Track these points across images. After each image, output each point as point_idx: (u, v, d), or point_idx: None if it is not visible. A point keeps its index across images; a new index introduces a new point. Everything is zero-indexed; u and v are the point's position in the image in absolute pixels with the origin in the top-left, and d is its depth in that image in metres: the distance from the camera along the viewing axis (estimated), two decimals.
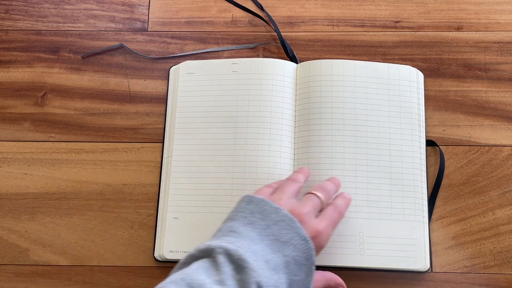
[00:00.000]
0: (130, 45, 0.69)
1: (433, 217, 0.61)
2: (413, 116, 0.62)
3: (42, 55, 0.69)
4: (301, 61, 0.66)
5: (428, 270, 0.58)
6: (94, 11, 0.71)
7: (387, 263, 0.57)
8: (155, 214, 0.62)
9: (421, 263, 0.57)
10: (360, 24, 0.69)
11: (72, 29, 0.70)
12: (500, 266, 0.59)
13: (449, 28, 0.68)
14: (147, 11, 0.71)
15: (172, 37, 0.69)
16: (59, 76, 0.68)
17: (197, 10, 0.71)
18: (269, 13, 0.70)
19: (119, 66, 0.68)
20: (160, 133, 0.65)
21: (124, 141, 0.65)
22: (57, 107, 0.67)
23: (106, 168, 0.64)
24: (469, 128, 0.64)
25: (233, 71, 0.64)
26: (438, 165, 0.62)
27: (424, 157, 0.61)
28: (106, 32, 0.70)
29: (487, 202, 0.61)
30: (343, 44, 0.68)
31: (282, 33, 0.68)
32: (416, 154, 0.61)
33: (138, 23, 0.70)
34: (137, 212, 0.62)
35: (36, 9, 0.71)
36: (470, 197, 0.61)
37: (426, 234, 0.58)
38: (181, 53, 0.68)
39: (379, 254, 0.57)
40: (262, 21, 0.70)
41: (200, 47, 0.69)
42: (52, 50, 0.69)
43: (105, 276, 0.60)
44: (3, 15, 0.71)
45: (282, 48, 0.68)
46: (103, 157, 0.64)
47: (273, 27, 0.69)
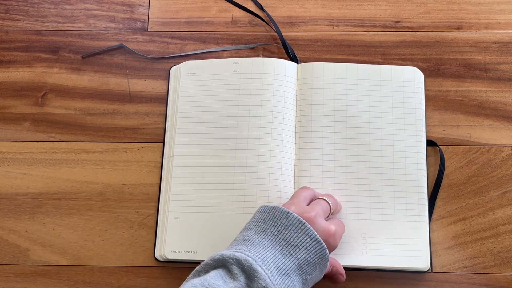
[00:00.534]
0: (130, 45, 0.69)
1: (433, 217, 0.61)
2: (414, 117, 0.62)
3: (42, 55, 0.69)
4: (301, 61, 0.66)
5: (428, 270, 0.58)
6: (94, 11, 0.71)
7: (389, 263, 0.57)
8: (155, 214, 0.62)
9: (423, 262, 0.57)
10: (360, 24, 0.69)
11: (72, 29, 0.70)
12: (500, 266, 0.59)
13: (449, 28, 0.68)
14: (147, 11, 0.71)
15: (172, 37, 0.69)
16: (59, 76, 0.68)
17: (197, 10, 0.71)
18: (269, 13, 0.70)
19: (119, 66, 0.68)
20: (160, 133, 0.65)
21: (124, 141, 0.65)
22: (57, 107, 0.66)
23: (106, 168, 0.64)
24: (469, 128, 0.64)
25: (234, 71, 0.64)
26: (438, 165, 0.62)
27: (424, 157, 0.61)
28: (106, 32, 0.70)
29: (487, 202, 0.61)
30: (343, 44, 0.68)
31: (282, 33, 0.68)
32: (417, 154, 0.61)
33: (138, 23, 0.70)
34: (137, 212, 0.62)
35: (36, 9, 0.71)
36: (470, 197, 0.61)
37: (427, 234, 0.58)
38: (181, 53, 0.68)
39: (381, 254, 0.57)
40: (262, 21, 0.70)
41: (200, 47, 0.69)
42: (52, 50, 0.69)
43: (105, 276, 0.60)
44: (3, 15, 0.71)
45: (282, 48, 0.68)
46: (103, 157, 0.64)
47: (273, 27, 0.69)
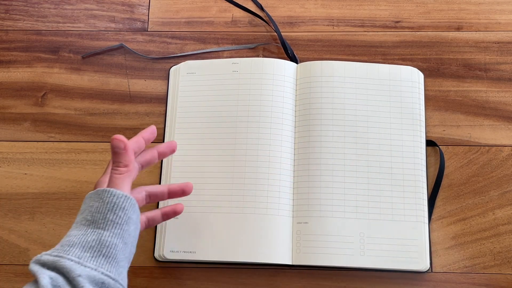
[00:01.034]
0: (130, 45, 0.69)
1: (433, 217, 0.61)
2: (413, 116, 0.62)
3: (42, 55, 0.69)
4: (301, 61, 0.66)
5: (428, 270, 0.58)
6: (94, 11, 0.71)
7: (388, 263, 0.57)
8: None
9: (421, 263, 0.57)
10: (360, 24, 0.69)
11: (72, 29, 0.70)
12: (500, 266, 0.59)
13: (449, 28, 0.68)
14: (147, 11, 0.71)
15: (172, 37, 0.69)
16: (59, 76, 0.68)
17: (197, 10, 0.71)
18: (269, 13, 0.70)
19: (119, 66, 0.68)
20: (160, 133, 0.65)
21: None
22: (57, 107, 0.67)
23: None
24: (469, 128, 0.64)
25: (233, 71, 0.64)
26: (438, 165, 0.62)
27: (424, 157, 0.61)
28: (106, 32, 0.70)
29: (487, 202, 0.61)
30: (343, 44, 0.68)
31: (282, 33, 0.68)
32: (416, 154, 0.61)
33: (138, 23, 0.70)
34: None
35: (36, 9, 0.71)
36: (470, 197, 0.61)
37: (426, 234, 0.58)
38: (181, 53, 0.68)
39: (379, 255, 0.57)
40: (262, 21, 0.70)
41: (200, 47, 0.69)
42: (52, 50, 0.69)
43: None
44: (3, 15, 0.71)
45: (282, 48, 0.68)
46: (103, 157, 0.64)
47: (273, 27, 0.69)
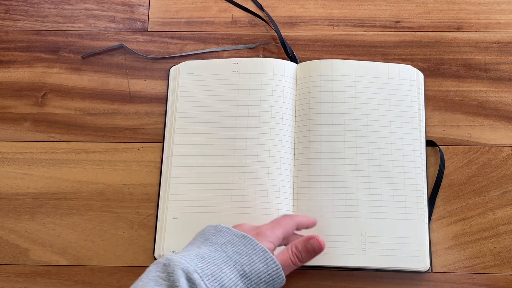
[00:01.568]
0: (130, 45, 0.69)
1: (433, 217, 0.61)
2: (413, 116, 0.62)
3: (42, 55, 0.69)
4: (301, 61, 0.66)
5: (428, 270, 0.58)
6: (94, 11, 0.71)
7: (388, 263, 0.57)
8: (155, 214, 0.62)
9: (422, 263, 0.57)
10: (360, 24, 0.69)
11: (72, 29, 0.70)
12: (500, 266, 0.59)
13: (449, 28, 0.68)
14: (147, 11, 0.71)
15: (172, 37, 0.69)
16: (59, 76, 0.68)
17: (197, 10, 0.71)
18: (269, 13, 0.70)
19: (119, 66, 0.68)
20: (160, 133, 0.65)
21: (124, 141, 0.65)
22: (57, 107, 0.67)
23: (106, 168, 0.64)
24: (469, 128, 0.64)
25: (233, 71, 0.64)
26: (438, 165, 0.62)
27: (424, 157, 0.61)
28: (106, 32, 0.70)
29: (487, 202, 0.61)
30: (343, 44, 0.68)
31: (282, 33, 0.68)
32: (416, 154, 0.61)
33: (138, 23, 0.70)
34: (137, 212, 0.62)
35: (36, 9, 0.71)
36: (470, 197, 0.61)
37: (426, 234, 0.58)
38: (181, 53, 0.68)
39: (380, 254, 0.57)
40: (262, 21, 0.70)
41: (200, 47, 0.69)
42: (52, 50, 0.69)
43: (105, 276, 0.60)
44: (3, 15, 0.71)
45: (282, 48, 0.68)
46: (103, 157, 0.64)
47: (273, 27, 0.69)
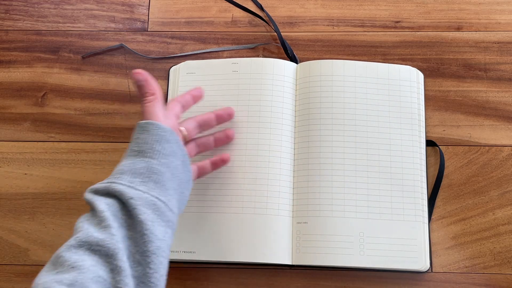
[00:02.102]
0: (130, 45, 0.69)
1: (433, 217, 0.61)
2: (413, 116, 0.62)
3: (42, 55, 0.69)
4: (301, 61, 0.66)
5: (428, 270, 0.58)
6: (94, 11, 0.71)
7: (387, 263, 0.57)
8: None
9: (421, 263, 0.57)
10: (360, 24, 0.69)
11: (72, 29, 0.70)
12: (500, 266, 0.59)
13: (449, 28, 0.68)
14: (147, 11, 0.71)
15: (172, 37, 0.69)
16: (59, 76, 0.68)
17: (197, 10, 0.71)
18: (269, 13, 0.70)
19: (119, 66, 0.68)
20: None
21: (124, 141, 0.65)
22: (57, 107, 0.67)
23: (106, 168, 0.64)
24: (469, 128, 0.64)
25: (233, 71, 0.64)
26: (438, 165, 0.62)
27: (424, 157, 0.61)
28: (106, 32, 0.70)
29: (487, 202, 0.61)
30: (343, 44, 0.68)
31: (282, 33, 0.68)
32: (416, 154, 0.61)
33: (138, 23, 0.70)
34: None
35: (36, 9, 0.71)
36: (470, 197, 0.61)
37: (425, 234, 0.58)
38: (181, 53, 0.68)
39: (378, 254, 0.57)
40: (262, 21, 0.70)
41: (200, 47, 0.69)
42: (52, 50, 0.69)
43: None
44: (3, 15, 0.71)
45: (282, 48, 0.68)
46: (103, 157, 0.64)
47: (273, 27, 0.69)
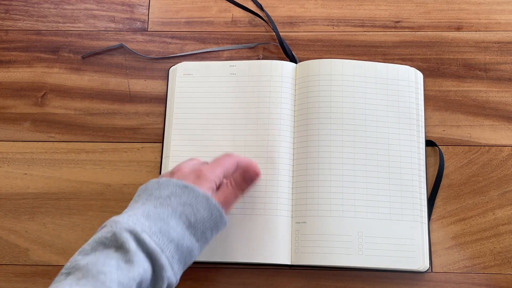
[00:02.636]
0: (130, 45, 0.69)
1: (433, 217, 0.61)
2: (412, 116, 0.62)
3: (42, 55, 0.69)
4: (301, 61, 0.66)
5: (428, 270, 0.58)
6: (94, 11, 0.71)
7: (386, 263, 0.57)
8: None
9: (419, 263, 0.57)
10: (360, 24, 0.69)
11: (72, 29, 0.70)
12: (500, 266, 0.59)
13: (449, 28, 0.68)
14: (147, 11, 0.71)
15: (172, 37, 0.69)
16: (59, 76, 0.68)
17: (197, 10, 0.71)
18: (269, 13, 0.70)
19: (119, 66, 0.68)
20: (160, 133, 0.65)
21: (124, 141, 0.65)
22: (57, 107, 0.67)
23: (106, 168, 0.64)
24: (469, 128, 0.64)
25: (231, 74, 0.64)
26: (438, 165, 0.62)
27: (423, 157, 0.61)
28: (106, 32, 0.70)
29: (487, 202, 0.61)
30: (343, 44, 0.68)
31: (282, 33, 0.68)
32: (414, 154, 0.61)
33: (138, 23, 0.70)
34: None
35: (36, 9, 0.71)
36: (470, 197, 0.61)
37: (425, 234, 0.58)
38: (181, 53, 0.68)
39: (377, 254, 0.57)
40: (262, 21, 0.70)
41: (200, 47, 0.69)
42: (52, 50, 0.69)
43: None
44: (3, 15, 0.71)
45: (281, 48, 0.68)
46: (103, 157, 0.64)
47: (271, 27, 0.68)
